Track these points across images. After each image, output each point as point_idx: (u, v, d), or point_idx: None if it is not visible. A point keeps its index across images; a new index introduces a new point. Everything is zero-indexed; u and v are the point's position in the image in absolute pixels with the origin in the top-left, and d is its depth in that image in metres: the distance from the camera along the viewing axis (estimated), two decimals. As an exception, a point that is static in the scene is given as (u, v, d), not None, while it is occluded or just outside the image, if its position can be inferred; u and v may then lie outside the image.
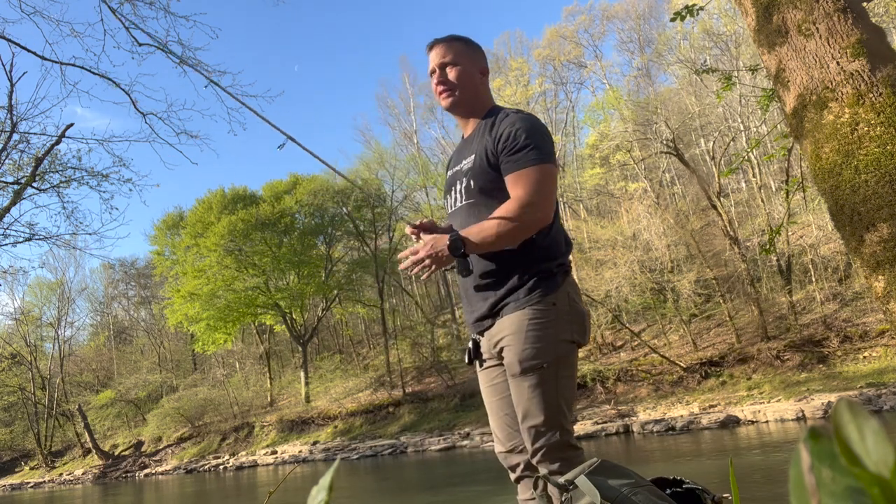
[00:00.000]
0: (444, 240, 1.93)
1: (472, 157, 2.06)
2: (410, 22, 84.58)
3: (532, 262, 1.95)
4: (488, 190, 2.00)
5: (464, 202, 2.08)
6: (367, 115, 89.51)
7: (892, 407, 15.00)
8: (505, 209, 1.90)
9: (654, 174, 33.38)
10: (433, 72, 2.14)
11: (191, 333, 36.75)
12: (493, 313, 1.99)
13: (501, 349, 1.98)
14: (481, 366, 2.12)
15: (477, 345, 2.10)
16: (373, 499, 12.77)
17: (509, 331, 1.94)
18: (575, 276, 2.20)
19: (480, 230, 1.91)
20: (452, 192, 2.15)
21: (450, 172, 2.23)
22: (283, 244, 32.63)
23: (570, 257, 2.10)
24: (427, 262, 1.96)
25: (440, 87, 2.12)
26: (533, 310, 1.91)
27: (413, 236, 2.17)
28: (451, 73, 2.11)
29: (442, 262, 1.96)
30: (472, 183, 2.04)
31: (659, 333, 25.03)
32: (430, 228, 2.15)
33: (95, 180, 9.76)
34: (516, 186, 1.92)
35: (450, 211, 2.18)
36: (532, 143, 1.93)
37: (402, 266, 2.04)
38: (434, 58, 2.14)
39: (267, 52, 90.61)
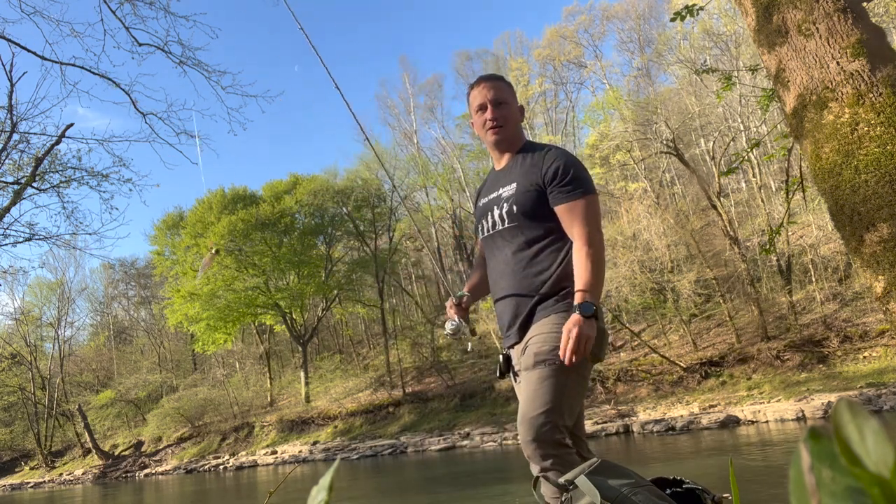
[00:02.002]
0: (576, 319, 1.95)
1: (514, 185, 2.23)
2: (410, 22, 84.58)
3: (560, 279, 2.11)
4: (531, 214, 2.18)
5: (506, 225, 2.23)
6: (367, 115, 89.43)
7: (892, 407, 15.00)
8: (580, 245, 2.07)
9: (654, 174, 33.39)
10: (483, 107, 2.30)
11: (191, 333, 36.75)
12: (524, 327, 2.14)
13: (525, 354, 2.10)
14: (515, 379, 2.22)
15: (508, 359, 2.25)
16: (373, 499, 12.77)
17: (535, 332, 2.08)
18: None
19: (587, 281, 2.00)
20: (489, 218, 2.31)
21: (483, 201, 2.39)
22: (283, 244, 32.63)
23: None
24: (582, 348, 1.95)
25: (492, 123, 2.28)
26: (559, 315, 2.05)
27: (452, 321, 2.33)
28: (502, 111, 2.29)
29: (591, 339, 1.97)
30: (514, 208, 2.20)
31: (659, 333, 25.04)
32: (459, 307, 2.36)
33: (95, 180, 9.75)
34: (572, 218, 2.11)
35: (484, 235, 2.34)
36: (578, 177, 2.15)
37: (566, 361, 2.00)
38: (485, 93, 2.30)
39: (267, 52, 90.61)
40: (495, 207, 2.27)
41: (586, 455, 2.04)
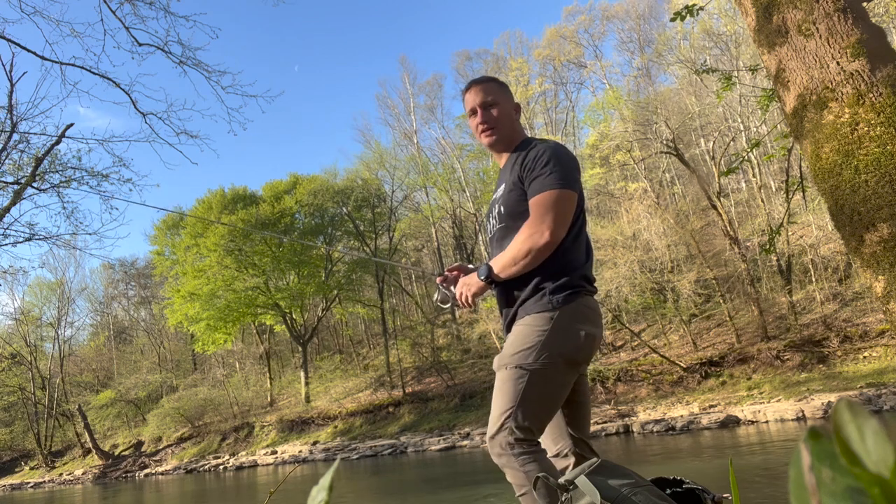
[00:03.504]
0: (474, 274, 2.19)
1: (503, 185, 2.23)
2: (410, 22, 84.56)
3: (542, 279, 2.07)
4: (516, 214, 2.15)
5: (498, 226, 2.24)
6: (367, 115, 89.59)
7: (892, 407, 15.00)
8: (518, 234, 2.08)
9: (654, 174, 33.39)
10: (474, 112, 2.29)
11: (191, 333, 36.75)
12: (510, 324, 2.15)
13: None
14: None
15: None
16: (373, 499, 12.77)
17: (511, 335, 2.09)
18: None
19: (501, 258, 2.11)
20: (490, 219, 2.33)
21: (491, 201, 2.41)
22: (283, 244, 32.64)
23: (590, 282, 2.16)
24: (463, 297, 2.21)
25: (483, 127, 2.27)
26: (532, 318, 2.03)
27: (442, 284, 2.41)
28: (492, 113, 2.27)
29: (476, 292, 2.20)
30: (502, 209, 2.20)
31: (659, 333, 25.04)
32: (458, 269, 2.43)
33: (95, 180, 9.76)
34: (532, 210, 2.07)
35: (489, 237, 2.36)
36: (552, 170, 2.06)
37: (445, 305, 2.36)
38: (474, 98, 2.28)
39: (267, 52, 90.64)
40: (493, 208, 2.28)
41: (587, 455, 2.04)
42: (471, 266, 2.39)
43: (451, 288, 2.37)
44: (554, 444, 2.13)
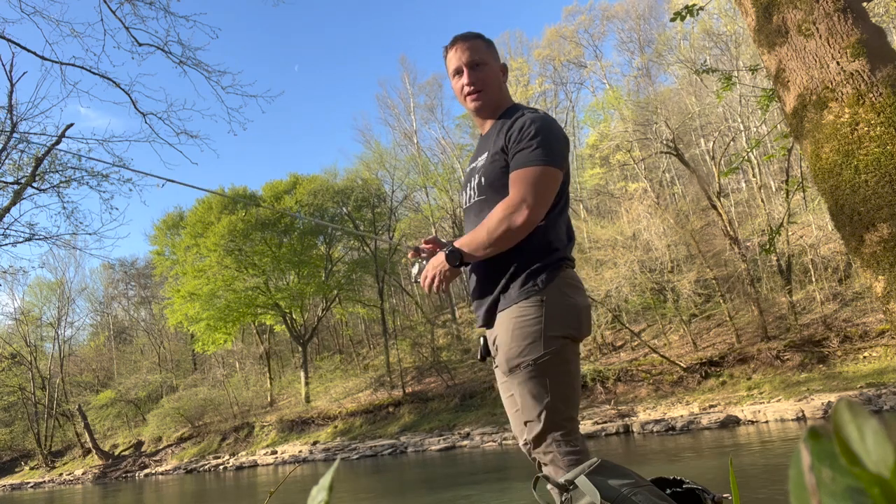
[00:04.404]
0: (443, 255, 1.98)
1: (486, 154, 2.06)
2: (410, 22, 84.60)
3: (523, 261, 1.93)
4: (497, 186, 1.99)
5: (476, 198, 2.07)
6: (367, 115, 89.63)
7: (892, 407, 15.00)
8: (494, 212, 1.91)
9: (654, 174, 33.38)
10: (459, 71, 2.09)
11: (191, 333, 36.76)
12: (491, 313, 2.01)
13: (497, 348, 1.99)
14: (494, 363, 2.11)
15: (486, 340, 2.11)
16: (373, 499, 12.76)
17: (500, 330, 1.95)
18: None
19: (472, 238, 1.94)
20: (467, 189, 2.15)
21: (467, 170, 2.23)
22: (283, 244, 32.64)
23: (572, 252, 2.06)
24: (436, 280, 2.00)
25: (470, 89, 2.07)
26: (520, 307, 1.90)
27: (416, 258, 2.20)
28: (480, 74, 2.07)
29: (447, 277, 1.99)
30: (483, 179, 2.03)
31: (659, 333, 25.04)
32: (433, 243, 2.20)
33: (95, 180, 9.77)
34: (513, 185, 1.90)
35: (464, 207, 2.19)
36: (538, 144, 1.90)
37: (421, 284, 2.09)
38: (459, 56, 2.08)
39: (267, 53, 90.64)
40: (472, 178, 2.10)
41: (583, 442, 1.96)
42: (443, 241, 2.21)
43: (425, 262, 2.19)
44: (520, 435, 2.02)
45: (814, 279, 22.55)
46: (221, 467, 27.56)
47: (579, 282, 2.01)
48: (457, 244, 1.96)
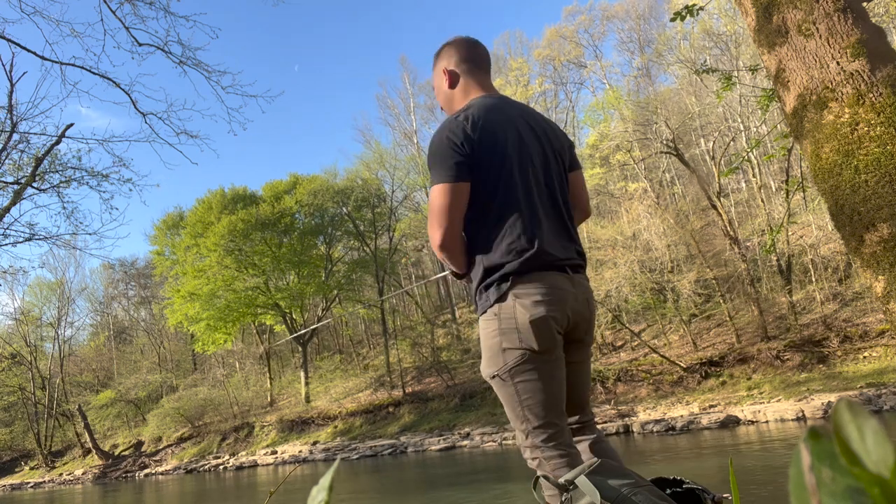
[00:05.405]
0: None
1: None
2: (411, 22, 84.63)
3: (479, 276, 1.95)
4: None
5: None
6: (367, 115, 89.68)
7: (892, 407, 15.00)
8: None
9: (654, 174, 33.39)
10: None
11: (191, 333, 36.76)
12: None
13: None
14: None
15: None
16: (373, 499, 12.76)
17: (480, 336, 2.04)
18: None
19: None
20: None
21: None
22: (283, 244, 32.63)
23: (530, 262, 1.90)
24: None
25: None
26: (483, 321, 1.95)
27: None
28: (435, 86, 2.20)
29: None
30: None
31: (659, 333, 25.04)
32: None
33: (95, 180, 9.78)
34: None
35: None
36: (430, 166, 1.96)
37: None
38: None
39: (267, 53, 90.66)
40: None
41: (570, 443, 1.94)
42: None
43: None
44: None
45: (814, 279, 22.55)
46: (221, 467, 27.56)
47: (547, 286, 1.88)
48: None
